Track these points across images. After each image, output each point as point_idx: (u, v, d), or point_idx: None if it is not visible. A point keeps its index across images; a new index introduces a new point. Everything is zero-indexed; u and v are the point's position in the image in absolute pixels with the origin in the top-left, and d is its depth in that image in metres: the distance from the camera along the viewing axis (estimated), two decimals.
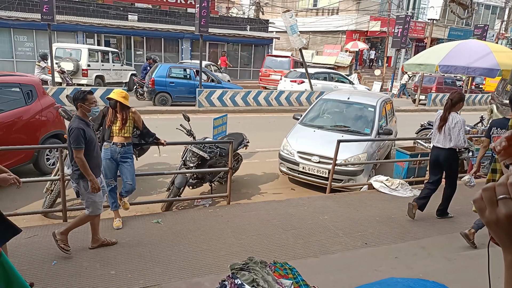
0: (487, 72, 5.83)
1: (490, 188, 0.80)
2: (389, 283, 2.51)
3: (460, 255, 4.37)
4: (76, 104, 3.78)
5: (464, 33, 30.41)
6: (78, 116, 3.79)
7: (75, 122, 3.72)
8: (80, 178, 3.75)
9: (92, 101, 3.82)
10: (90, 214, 3.91)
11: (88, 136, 3.70)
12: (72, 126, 3.68)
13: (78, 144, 3.62)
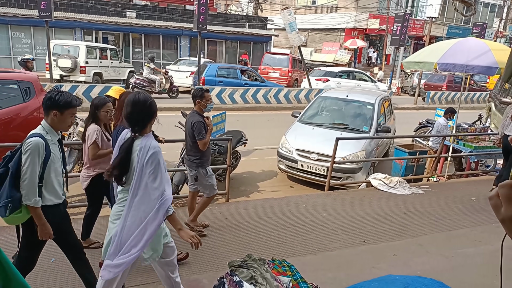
0: (486, 70, 5.83)
1: (506, 185, 0.80)
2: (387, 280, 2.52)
3: (457, 253, 4.39)
4: (195, 101, 4.24)
5: (463, 31, 30.45)
6: (196, 111, 4.22)
7: (195, 117, 4.16)
8: (199, 166, 4.22)
9: (208, 98, 4.25)
10: (209, 196, 4.35)
11: (205, 129, 4.12)
12: (194, 120, 4.10)
13: (203, 136, 4.06)
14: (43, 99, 2.73)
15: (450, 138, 7.37)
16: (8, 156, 2.64)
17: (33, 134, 2.65)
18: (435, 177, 7.21)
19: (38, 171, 2.58)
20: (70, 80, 14.67)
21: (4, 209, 2.55)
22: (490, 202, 0.86)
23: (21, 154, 2.57)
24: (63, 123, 2.77)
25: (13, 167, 2.56)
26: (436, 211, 5.60)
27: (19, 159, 2.57)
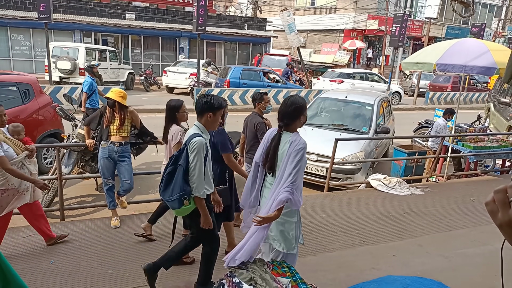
0: (485, 71, 5.84)
1: (502, 190, 0.79)
2: (387, 281, 2.52)
3: (457, 253, 4.39)
4: (255, 103, 4.65)
5: (462, 31, 30.48)
6: (256, 112, 4.60)
7: (257, 118, 4.55)
8: None
9: (267, 100, 4.66)
10: None
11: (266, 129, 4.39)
12: (257, 121, 4.48)
13: None
14: (198, 103, 3.03)
15: (449, 138, 7.37)
16: (175, 155, 3.01)
17: (195, 135, 2.95)
18: (434, 178, 7.22)
19: (203, 166, 2.93)
20: (69, 82, 14.67)
21: (177, 202, 2.92)
22: (487, 207, 0.85)
23: (187, 152, 2.90)
24: (214, 123, 3.09)
25: (184, 164, 2.91)
26: (436, 211, 5.60)
27: (187, 157, 2.90)
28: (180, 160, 2.94)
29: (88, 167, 5.59)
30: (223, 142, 3.76)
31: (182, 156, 2.94)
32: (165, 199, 3.00)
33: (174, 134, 3.89)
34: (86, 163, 5.59)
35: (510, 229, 0.76)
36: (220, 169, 3.82)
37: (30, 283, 3.34)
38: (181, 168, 2.91)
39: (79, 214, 5.19)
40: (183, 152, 2.94)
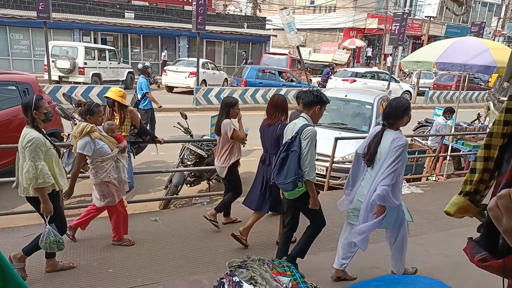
0: (484, 69, 5.84)
1: (505, 196, 0.77)
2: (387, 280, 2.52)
3: (457, 252, 4.38)
4: (298, 101, 4.77)
5: (461, 30, 30.48)
6: (300, 110, 4.50)
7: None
8: None
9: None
10: None
11: None
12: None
13: None
14: (308, 97, 3.44)
15: (449, 137, 7.37)
16: (288, 143, 3.34)
17: (307, 124, 3.34)
18: (434, 177, 7.22)
19: (314, 152, 3.33)
20: (69, 81, 14.66)
21: (292, 184, 3.27)
22: (490, 213, 0.82)
23: (300, 140, 3.27)
24: (319, 116, 3.54)
25: (298, 150, 3.25)
26: (435, 210, 5.60)
27: (300, 144, 3.27)
28: (293, 147, 3.28)
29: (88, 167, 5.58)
30: None
31: (294, 143, 3.29)
32: (279, 182, 3.36)
33: (228, 126, 4.28)
34: (85, 162, 5.58)
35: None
36: None
37: (30, 282, 3.34)
38: (295, 154, 3.26)
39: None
40: (295, 140, 3.30)
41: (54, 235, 3.25)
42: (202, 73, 16.17)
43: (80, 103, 4.00)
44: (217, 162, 4.52)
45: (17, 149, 3.25)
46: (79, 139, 3.65)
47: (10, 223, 4.72)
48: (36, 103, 3.21)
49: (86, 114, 3.74)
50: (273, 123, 4.03)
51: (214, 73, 18.19)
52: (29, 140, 3.11)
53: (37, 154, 3.13)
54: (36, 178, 3.10)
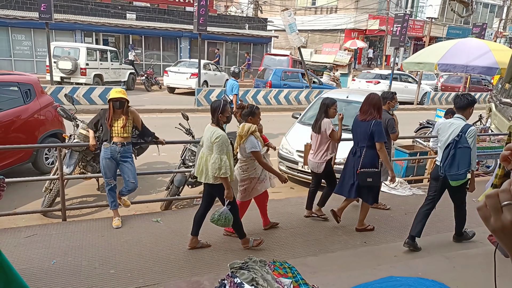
0: (486, 71, 5.84)
1: (493, 195, 0.77)
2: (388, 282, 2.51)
3: (459, 254, 4.38)
4: (385, 101, 5.02)
5: (463, 31, 30.44)
6: (386, 110, 4.97)
7: (387, 115, 4.91)
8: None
9: (396, 99, 5.19)
10: None
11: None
12: (387, 117, 4.86)
13: (395, 130, 4.96)
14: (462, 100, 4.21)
15: None
16: (455, 141, 4.04)
17: (469, 125, 4.07)
18: None
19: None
20: (71, 82, 14.68)
21: (464, 174, 4.14)
22: (479, 213, 0.83)
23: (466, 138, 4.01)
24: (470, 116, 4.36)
25: (467, 146, 4.05)
26: (437, 212, 5.55)
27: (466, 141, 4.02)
28: (461, 144, 4.00)
29: (90, 167, 5.59)
30: (379, 131, 4.41)
31: (461, 141, 4.00)
32: (452, 174, 4.07)
33: (327, 125, 4.69)
34: (87, 163, 5.59)
35: (503, 234, 0.75)
36: (375, 154, 4.48)
37: (32, 283, 3.34)
38: (466, 150, 4.01)
39: (81, 214, 5.19)
40: (461, 138, 4.00)
41: (229, 214, 3.90)
42: (204, 74, 16.18)
43: (241, 106, 4.55)
44: (312, 158, 4.88)
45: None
46: (245, 139, 4.14)
47: (12, 224, 4.72)
48: (223, 108, 3.85)
49: (248, 116, 4.21)
50: (367, 119, 4.46)
51: (215, 74, 18.20)
52: (218, 136, 3.74)
53: (222, 149, 3.74)
54: (220, 168, 3.71)
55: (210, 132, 3.82)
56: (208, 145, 3.84)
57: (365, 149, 4.48)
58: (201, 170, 3.94)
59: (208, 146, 3.84)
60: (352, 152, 4.70)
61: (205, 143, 3.89)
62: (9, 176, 5.25)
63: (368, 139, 4.43)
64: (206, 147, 3.87)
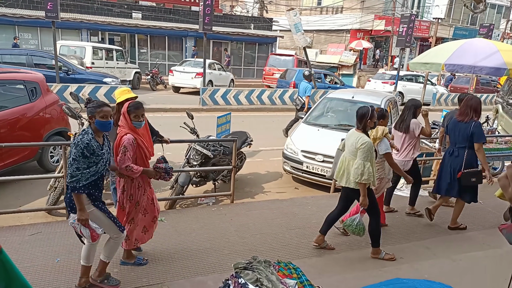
0: (494, 71, 5.77)
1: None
2: (394, 283, 2.48)
3: (465, 256, 4.33)
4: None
5: (469, 32, 30.24)
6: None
7: None
8: None
9: None
10: None
11: None
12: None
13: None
14: None
15: None
16: None
17: None
18: None
19: None
20: None
21: None
22: (499, 183, 0.86)
23: None
24: None
25: None
26: (443, 213, 5.53)
27: None
28: None
29: None
30: (479, 133, 4.63)
31: None
32: None
33: (416, 125, 4.92)
34: None
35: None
36: (474, 154, 4.70)
37: (35, 281, 3.34)
38: None
39: None
40: None
41: (361, 223, 4.05)
42: (209, 73, 16.18)
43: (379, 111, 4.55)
44: (398, 157, 4.99)
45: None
46: (379, 141, 4.33)
47: (16, 221, 4.73)
48: (371, 114, 3.91)
49: (380, 119, 4.40)
50: (466, 120, 4.69)
51: (220, 73, 18.20)
52: (363, 143, 3.81)
53: (367, 156, 3.82)
54: (362, 174, 3.78)
55: (355, 138, 3.91)
56: (352, 151, 3.94)
57: (466, 150, 4.72)
58: (342, 173, 4.05)
59: (351, 152, 3.95)
60: (448, 152, 4.92)
61: (348, 148, 4.00)
62: (15, 174, 5.27)
63: (467, 140, 4.67)
64: (350, 152, 3.98)
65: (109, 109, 3.09)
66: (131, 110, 3.39)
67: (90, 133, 2.99)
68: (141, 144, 3.44)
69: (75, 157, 2.89)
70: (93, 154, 2.95)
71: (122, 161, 3.27)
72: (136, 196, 3.54)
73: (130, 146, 3.31)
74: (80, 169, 2.90)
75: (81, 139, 2.92)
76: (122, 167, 3.27)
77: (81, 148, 2.88)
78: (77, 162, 2.88)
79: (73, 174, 2.89)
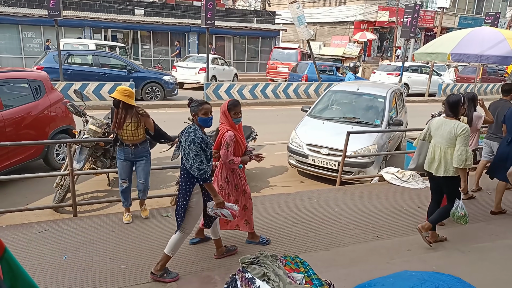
0: (501, 60, 5.67)
1: None
2: (403, 276, 2.45)
3: (474, 248, 4.29)
4: (509, 93, 5.63)
5: (475, 21, 29.87)
6: (508, 100, 5.62)
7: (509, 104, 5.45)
8: None
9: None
10: None
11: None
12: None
13: None
14: None
15: None
16: None
17: None
18: None
19: None
20: None
21: None
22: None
23: None
24: None
25: None
26: None
27: None
28: None
29: (100, 163, 5.61)
30: None
31: None
32: None
33: (478, 118, 5.10)
34: (97, 158, 5.61)
35: None
36: None
37: (43, 278, 3.36)
38: None
39: (92, 210, 5.21)
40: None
41: (463, 209, 4.09)
42: (212, 68, 16.14)
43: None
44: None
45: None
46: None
47: (24, 219, 4.76)
48: (463, 100, 4.05)
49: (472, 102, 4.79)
50: None
51: (224, 68, 18.15)
52: (463, 128, 3.90)
53: (467, 141, 3.91)
54: (466, 159, 3.87)
55: (451, 126, 3.97)
56: (449, 138, 3.99)
57: None
58: (438, 164, 4.08)
59: (449, 139, 4.00)
60: (506, 140, 5.07)
61: (444, 137, 4.03)
62: (21, 172, 5.29)
63: None
64: (446, 141, 4.02)
65: (209, 106, 3.42)
66: (231, 108, 3.75)
67: (198, 129, 3.29)
68: (239, 140, 3.77)
69: (197, 152, 3.19)
70: (208, 147, 3.28)
71: (226, 156, 3.63)
72: (240, 185, 3.88)
73: (232, 142, 3.66)
74: (204, 161, 3.22)
75: (195, 135, 3.21)
76: (226, 161, 3.65)
77: (198, 143, 3.18)
78: (199, 156, 3.19)
79: (200, 167, 3.20)
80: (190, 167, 3.21)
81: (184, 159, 3.26)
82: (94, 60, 13.07)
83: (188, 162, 3.23)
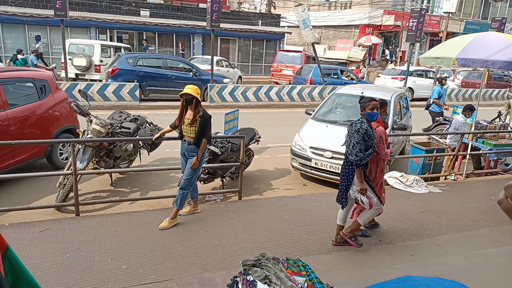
0: (507, 65, 5.63)
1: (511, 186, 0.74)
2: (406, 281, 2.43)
3: (477, 253, 4.26)
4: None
5: (481, 26, 29.75)
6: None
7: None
8: None
9: None
10: None
11: None
12: None
13: None
14: None
15: (469, 135, 7.17)
16: None
17: None
18: (453, 176, 7.04)
19: None
20: (85, 79, 14.82)
21: None
22: (500, 206, 0.80)
23: None
24: None
25: None
26: (454, 210, 5.46)
27: None
28: None
29: (103, 163, 5.61)
30: None
31: None
32: None
33: None
34: (101, 158, 5.61)
35: None
36: None
37: (45, 277, 3.36)
38: None
39: (94, 210, 5.21)
40: None
41: None
42: (217, 70, 16.17)
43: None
44: None
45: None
46: None
47: (26, 218, 4.77)
48: None
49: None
50: None
51: (228, 70, 18.18)
52: None
53: None
54: None
55: None
56: None
57: None
58: None
59: None
60: None
61: None
62: (24, 171, 5.31)
63: None
64: None
65: (376, 103, 3.92)
66: (380, 107, 4.14)
67: (365, 122, 3.82)
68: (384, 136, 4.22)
69: (358, 141, 3.71)
70: (370, 139, 3.74)
71: (382, 149, 4.07)
72: (378, 178, 4.23)
73: (384, 135, 4.11)
74: (362, 150, 3.71)
75: (360, 126, 3.75)
76: (383, 153, 4.08)
77: (362, 133, 3.69)
78: (359, 144, 3.70)
79: (358, 154, 3.73)
80: (350, 152, 3.76)
81: (346, 145, 3.86)
82: (163, 63, 13.71)
83: (349, 148, 3.79)
